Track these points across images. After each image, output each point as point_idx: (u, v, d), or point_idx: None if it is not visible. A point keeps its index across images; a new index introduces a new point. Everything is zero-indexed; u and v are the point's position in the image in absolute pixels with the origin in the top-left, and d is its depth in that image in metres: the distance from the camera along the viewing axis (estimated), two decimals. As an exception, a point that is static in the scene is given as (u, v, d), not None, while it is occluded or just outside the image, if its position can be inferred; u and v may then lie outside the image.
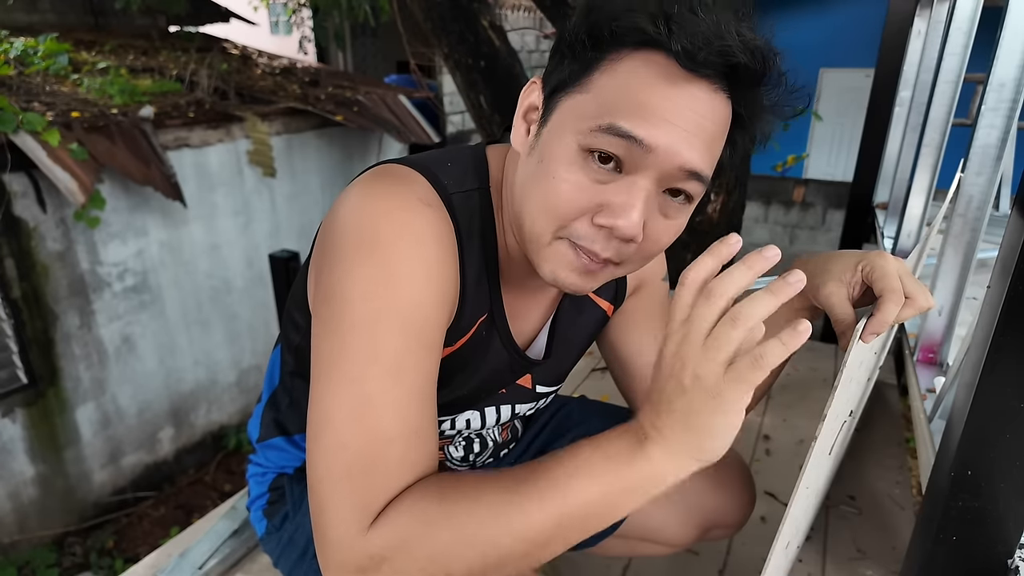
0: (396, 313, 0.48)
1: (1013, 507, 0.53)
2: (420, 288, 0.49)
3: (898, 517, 1.22)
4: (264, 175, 3.69)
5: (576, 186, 0.48)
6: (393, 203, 0.50)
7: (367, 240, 0.48)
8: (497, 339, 0.62)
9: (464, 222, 0.55)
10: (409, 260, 0.49)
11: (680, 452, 0.42)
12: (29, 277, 2.77)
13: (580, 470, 0.43)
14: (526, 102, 0.55)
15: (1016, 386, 0.49)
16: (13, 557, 2.87)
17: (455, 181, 0.56)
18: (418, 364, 0.49)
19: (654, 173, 0.48)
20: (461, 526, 0.43)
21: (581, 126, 0.48)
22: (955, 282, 1.01)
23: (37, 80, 3.11)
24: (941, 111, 1.46)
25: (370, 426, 0.46)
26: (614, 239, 0.49)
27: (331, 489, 0.45)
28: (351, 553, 0.44)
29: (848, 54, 5.69)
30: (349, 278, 0.48)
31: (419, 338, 0.49)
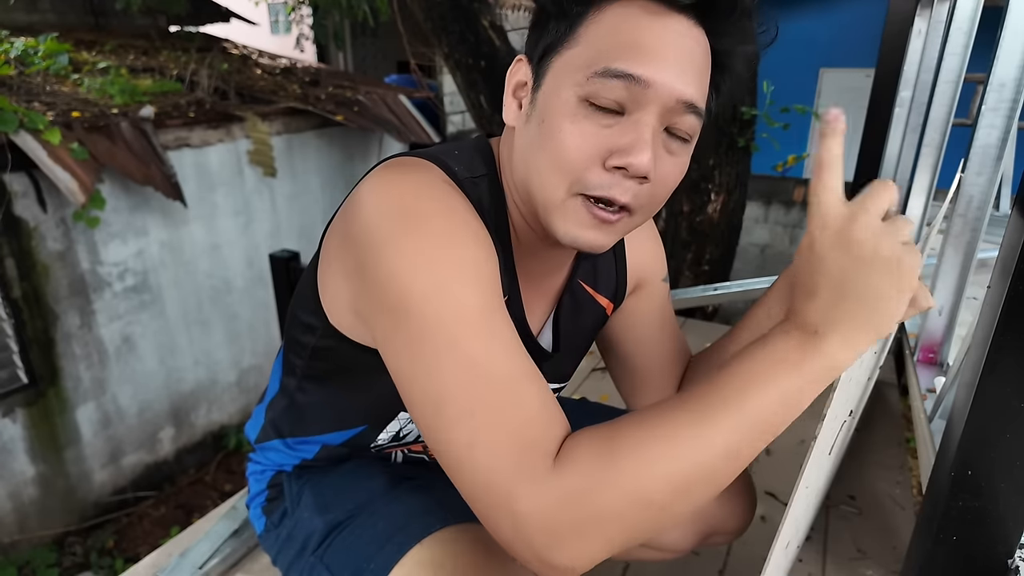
0: (464, 271, 0.47)
1: (1013, 507, 0.53)
2: (476, 248, 0.49)
3: (898, 517, 1.21)
4: (264, 175, 3.69)
5: (582, 135, 0.49)
6: (420, 183, 0.51)
7: (407, 218, 0.48)
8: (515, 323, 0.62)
9: (478, 207, 0.55)
10: (456, 226, 0.49)
11: (858, 333, 0.42)
12: (29, 277, 2.77)
13: (754, 381, 0.42)
14: (513, 80, 0.56)
15: (1016, 386, 0.49)
16: (13, 557, 2.87)
17: (464, 167, 0.56)
18: (502, 312, 0.48)
19: (655, 109, 0.49)
20: (649, 449, 0.41)
21: (577, 77, 0.49)
22: (955, 282, 1.01)
23: (38, 80, 3.11)
24: (941, 111, 1.46)
25: (492, 378, 0.44)
26: (629, 180, 0.50)
27: (487, 460, 0.42)
28: (548, 495, 0.41)
29: (848, 54, 5.69)
30: (402, 258, 0.46)
31: (493, 290, 0.48)
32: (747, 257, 5.47)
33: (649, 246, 0.75)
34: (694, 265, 2.79)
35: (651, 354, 0.75)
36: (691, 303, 1.99)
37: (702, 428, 0.42)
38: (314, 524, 0.70)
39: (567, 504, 0.41)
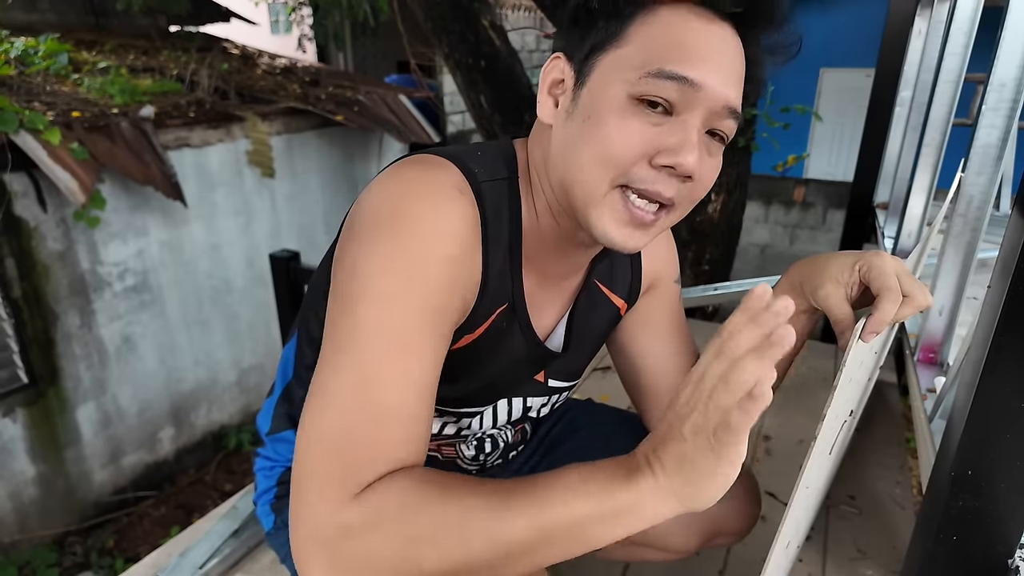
0: (412, 292, 0.48)
1: (1013, 507, 0.53)
2: (439, 271, 0.50)
3: (898, 517, 1.21)
4: (263, 175, 3.69)
5: (631, 131, 0.50)
6: (423, 186, 0.52)
7: (392, 218, 0.50)
8: (517, 329, 0.62)
9: (492, 211, 0.56)
10: (433, 241, 0.50)
11: (667, 493, 0.42)
12: (30, 277, 2.77)
13: (567, 488, 0.43)
14: (549, 77, 0.56)
15: (1016, 386, 0.49)
16: (14, 557, 2.87)
17: (485, 170, 0.57)
18: (425, 348, 0.49)
19: (702, 112, 0.50)
20: (439, 518, 0.43)
21: (629, 76, 0.50)
22: (955, 282, 1.01)
23: (38, 80, 3.11)
24: (942, 111, 1.46)
25: (369, 400, 0.46)
26: (674, 178, 0.51)
27: (319, 456, 0.46)
28: (325, 521, 0.44)
29: (848, 54, 5.69)
30: (370, 253, 0.49)
31: (432, 321, 0.49)
32: (747, 257, 5.47)
33: (664, 247, 0.75)
34: (694, 265, 2.79)
35: (662, 355, 0.75)
36: (691, 303, 1.99)
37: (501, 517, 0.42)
38: None
39: (339, 538, 0.43)
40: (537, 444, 0.89)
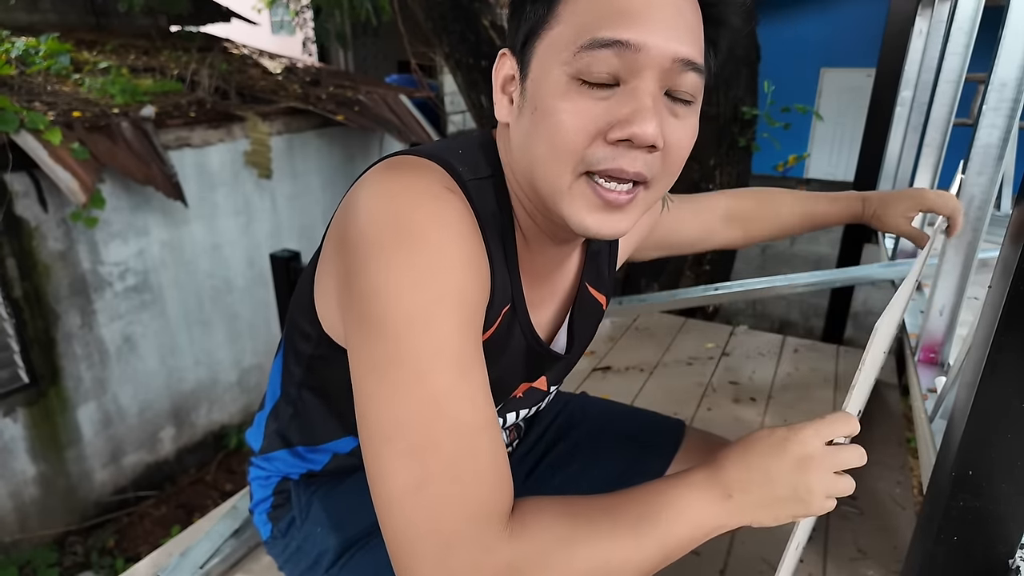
0: (449, 302, 0.45)
1: (1014, 507, 0.52)
2: (465, 274, 0.47)
3: (899, 517, 1.21)
4: (259, 176, 3.69)
5: (579, 112, 0.47)
6: (419, 191, 0.48)
7: (401, 230, 0.45)
8: (518, 330, 0.60)
9: (483, 210, 0.53)
10: (449, 246, 0.46)
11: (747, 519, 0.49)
12: (30, 277, 2.77)
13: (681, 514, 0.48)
14: (500, 75, 0.54)
15: (1017, 386, 0.49)
16: (14, 556, 2.87)
17: (469, 168, 0.54)
18: (477, 353, 0.47)
19: (652, 73, 0.47)
20: (595, 548, 0.45)
21: (564, 55, 0.47)
22: (956, 282, 1.01)
23: (38, 80, 3.11)
24: (942, 111, 1.46)
25: (455, 421, 0.43)
26: (636, 150, 0.48)
27: (438, 500, 0.42)
28: (491, 556, 0.42)
29: (849, 54, 5.69)
30: (389, 272, 0.44)
31: (473, 326, 0.47)
32: (747, 257, 5.47)
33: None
34: (695, 265, 2.79)
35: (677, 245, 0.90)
36: (691, 303, 1.99)
37: (637, 540, 0.46)
38: (327, 542, 0.69)
39: (511, 573, 0.42)
40: (535, 440, 0.89)
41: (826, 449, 0.49)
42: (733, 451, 0.51)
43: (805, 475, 0.48)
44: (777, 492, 0.48)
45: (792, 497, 0.48)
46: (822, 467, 0.48)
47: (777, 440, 0.49)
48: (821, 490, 0.48)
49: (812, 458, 0.48)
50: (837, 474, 0.49)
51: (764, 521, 0.50)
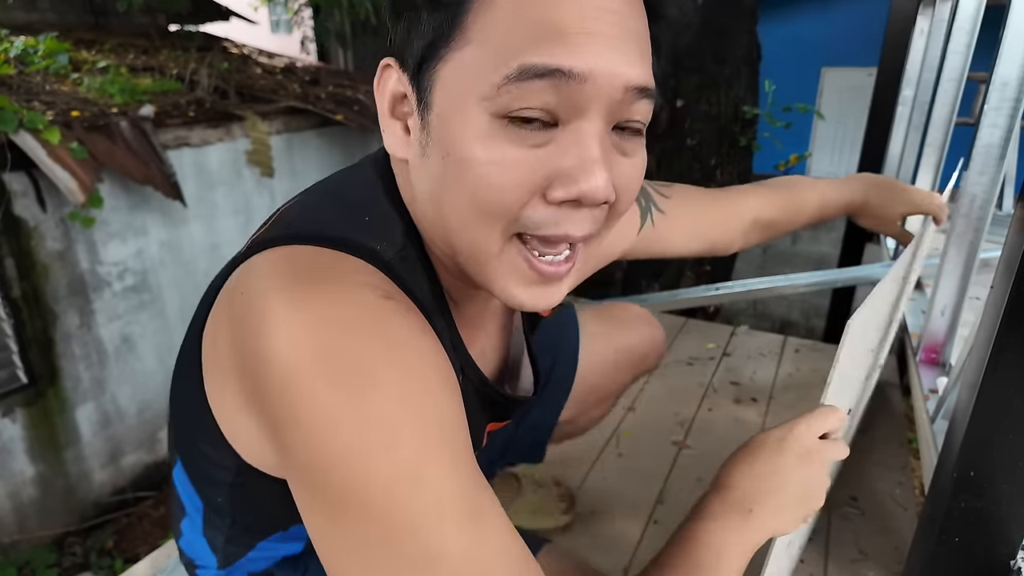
0: (433, 440, 0.35)
1: (1016, 508, 0.52)
2: (439, 396, 0.37)
3: (900, 518, 1.21)
4: (262, 175, 3.69)
5: (508, 165, 0.37)
6: (348, 316, 0.36)
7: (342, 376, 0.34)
8: (472, 392, 0.52)
9: (419, 293, 0.44)
10: (411, 373, 0.36)
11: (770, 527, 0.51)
12: (29, 277, 2.77)
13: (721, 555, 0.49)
14: (387, 93, 0.42)
15: (1019, 386, 0.49)
16: (13, 557, 2.87)
17: (388, 243, 0.43)
18: (484, 487, 0.38)
19: (599, 107, 0.37)
20: None
21: (481, 88, 0.36)
22: (958, 282, 1.00)
23: (37, 79, 3.11)
24: (944, 110, 1.45)
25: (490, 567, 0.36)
26: (584, 209, 0.39)
27: None
28: None
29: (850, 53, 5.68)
30: (343, 435, 0.34)
31: (467, 451, 0.38)
32: (748, 257, 5.47)
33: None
34: (695, 265, 2.79)
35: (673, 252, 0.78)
36: (692, 303, 1.99)
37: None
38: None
39: None
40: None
41: (821, 442, 0.51)
42: (737, 466, 0.52)
43: (809, 469, 0.50)
44: (790, 492, 0.50)
45: (803, 495, 0.50)
46: (821, 459, 0.51)
47: (775, 442, 0.51)
48: (823, 482, 0.51)
49: (812, 452, 0.51)
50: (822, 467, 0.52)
51: (786, 527, 0.51)
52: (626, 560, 1.12)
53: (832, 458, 0.52)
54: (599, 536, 1.17)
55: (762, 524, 0.50)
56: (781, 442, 0.51)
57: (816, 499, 0.51)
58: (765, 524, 0.50)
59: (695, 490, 1.28)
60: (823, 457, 0.51)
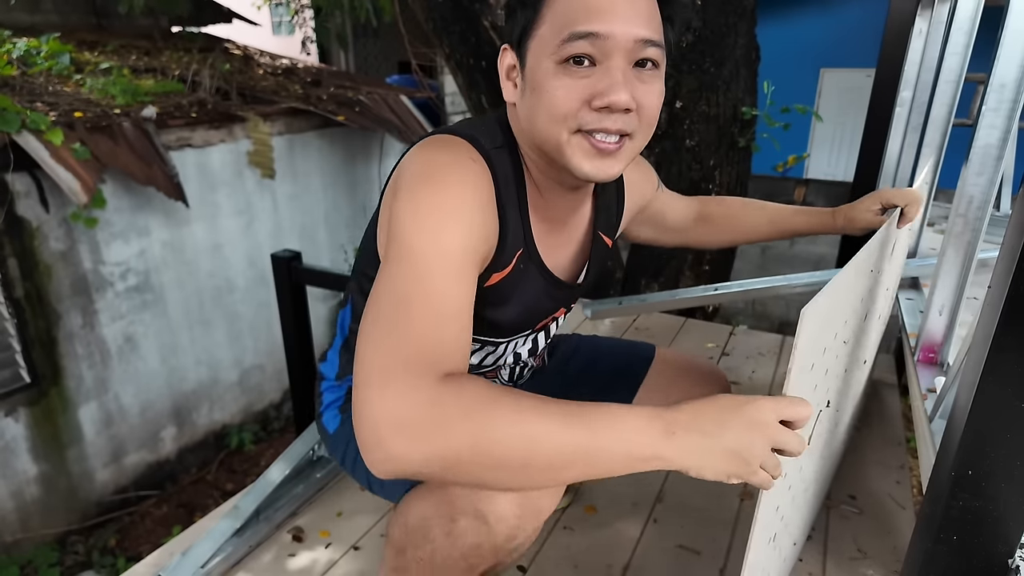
0: (457, 228, 0.60)
1: (1014, 507, 0.53)
2: (474, 215, 0.62)
3: (899, 517, 1.22)
4: (263, 176, 3.69)
5: (567, 88, 0.61)
6: (447, 158, 0.64)
7: (429, 179, 0.62)
8: (534, 269, 0.75)
9: (500, 172, 0.68)
10: (463, 191, 0.62)
11: (683, 462, 0.53)
12: (32, 276, 2.78)
13: (613, 430, 0.52)
14: (504, 66, 0.69)
15: (1017, 386, 0.49)
16: (16, 556, 2.88)
17: (489, 140, 0.69)
18: (469, 276, 0.60)
19: (620, 53, 0.60)
20: (518, 416, 0.51)
21: (551, 48, 0.61)
22: (956, 282, 1.01)
23: (40, 80, 3.12)
24: (942, 111, 1.46)
25: (433, 305, 0.56)
26: (615, 113, 0.62)
27: (398, 344, 0.54)
28: (417, 392, 0.51)
29: (849, 54, 5.69)
30: (415, 203, 0.60)
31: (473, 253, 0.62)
32: (747, 257, 5.47)
33: (641, 183, 0.95)
34: (695, 265, 2.79)
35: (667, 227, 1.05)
36: (692, 303, 2.00)
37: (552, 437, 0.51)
38: None
39: (425, 409, 0.51)
40: (557, 370, 1.04)
41: (777, 425, 0.52)
42: (691, 403, 0.54)
43: (752, 435, 0.51)
44: (724, 442, 0.52)
45: (735, 452, 0.52)
46: (767, 435, 0.52)
47: (734, 402, 0.53)
48: (761, 456, 0.52)
49: (764, 424, 0.52)
50: (776, 451, 0.53)
51: (703, 469, 0.52)
52: (626, 559, 1.12)
53: (783, 444, 0.52)
54: (599, 535, 1.18)
55: (677, 450, 0.52)
56: (740, 405, 0.53)
57: (745, 467, 0.52)
58: (680, 452, 0.52)
59: (695, 488, 1.28)
60: (773, 436, 0.52)
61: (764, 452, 0.52)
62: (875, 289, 0.86)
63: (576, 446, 0.51)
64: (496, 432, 0.50)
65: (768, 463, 0.52)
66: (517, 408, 0.51)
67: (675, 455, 0.52)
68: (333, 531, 1.19)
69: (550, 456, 0.51)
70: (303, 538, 1.17)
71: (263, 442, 3.89)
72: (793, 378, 0.52)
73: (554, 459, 0.51)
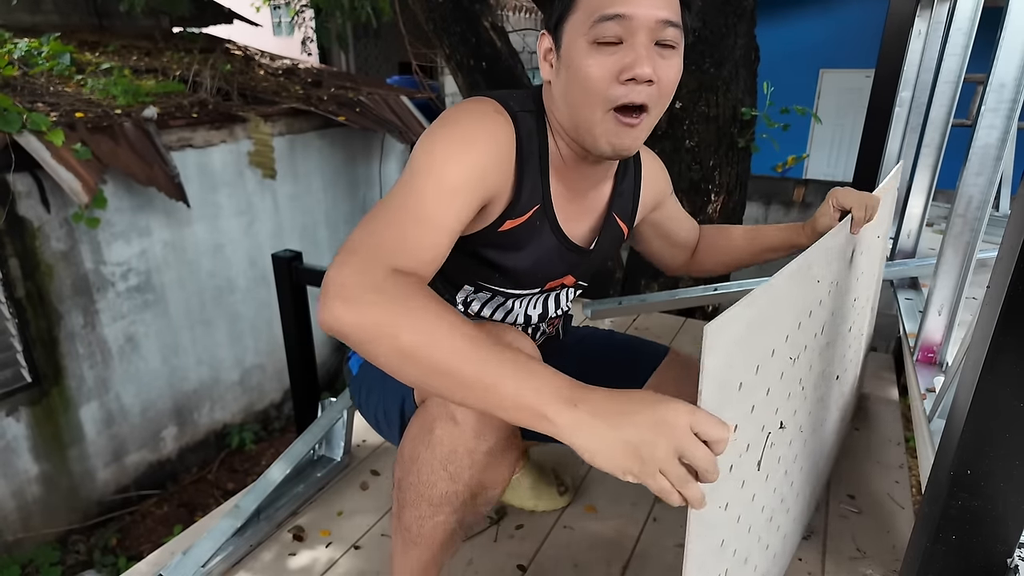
0: (462, 161, 0.69)
1: (1013, 506, 0.53)
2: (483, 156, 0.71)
3: (898, 516, 1.22)
4: (264, 176, 3.70)
5: (598, 64, 0.70)
6: (470, 106, 0.74)
7: (448, 121, 0.72)
8: (548, 227, 0.82)
9: (524, 131, 0.76)
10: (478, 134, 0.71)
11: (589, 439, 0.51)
12: (33, 276, 2.78)
13: (520, 379, 0.54)
14: (542, 49, 0.77)
15: (1016, 386, 0.50)
16: (17, 555, 2.88)
17: (518, 104, 0.78)
18: (454, 202, 0.68)
19: (643, 32, 0.68)
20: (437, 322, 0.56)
21: (583, 29, 0.70)
22: (955, 282, 1.01)
23: (41, 81, 3.12)
24: (941, 111, 1.46)
25: (415, 214, 0.66)
26: (640, 85, 0.69)
27: (368, 239, 0.64)
28: (361, 279, 0.59)
29: (848, 55, 5.68)
30: (432, 138, 0.71)
31: (474, 188, 0.70)
32: (748, 257, 5.46)
33: (658, 177, 1.00)
34: (695, 265, 2.78)
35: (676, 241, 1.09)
36: (691, 303, 2.00)
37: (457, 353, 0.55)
38: None
39: (366, 286, 0.58)
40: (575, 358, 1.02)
41: (688, 431, 0.48)
42: (610, 389, 0.53)
43: (656, 435, 0.49)
44: (624, 433, 0.50)
45: (634, 448, 0.49)
46: (673, 439, 0.48)
47: (653, 398, 0.51)
48: (662, 460, 0.48)
49: (671, 427, 0.48)
50: (681, 460, 0.49)
51: (596, 454, 0.51)
52: (626, 558, 1.12)
53: (691, 456, 0.48)
54: (599, 534, 1.18)
55: (573, 423, 0.51)
56: (655, 402, 0.50)
57: (641, 466, 0.49)
58: (576, 427, 0.51)
59: (696, 489, 1.28)
60: (679, 442, 0.48)
61: (666, 457, 0.48)
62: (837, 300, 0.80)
63: (476, 370, 0.54)
64: (414, 324, 0.56)
65: (671, 472, 0.48)
66: (440, 315, 0.56)
67: (565, 425, 0.51)
68: (334, 530, 1.19)
69: (451, 368, 0.55)
70: (304, 537, 1.18)
71: (264, 442, 3.90)
72: (704, 397, 0.48)
73: (455, 373, 0.55)
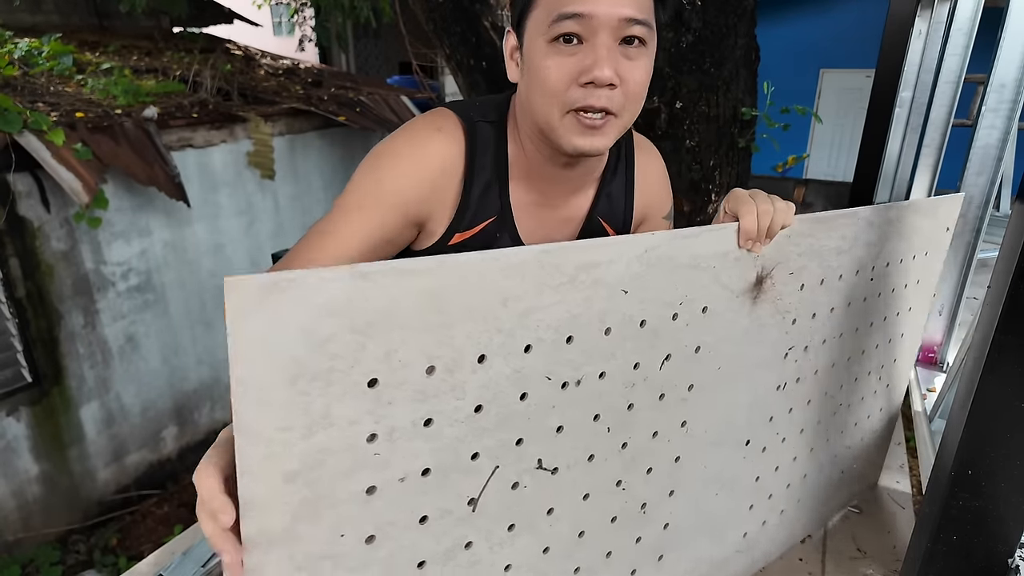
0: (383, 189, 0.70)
1: (1013, 506, 0.53)
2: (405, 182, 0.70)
3: (898, 516, 1.22)
4: (262, 177, 3.70)
5: (557, 65, 0.65)
6: (413, 125, 0.72)
7: (382, 151, 0.71)
8: (507, 239, 0.78)
9: (480, 143, 0.73)
10: (404, 162, 0.70)
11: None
12: (34, 276, 2.78)
13: None
14: (508, 48, 0.73)
15: (1016, 386, 0.50)
16: (17, 555, 2.88)
17: (480, 114, 0.75)
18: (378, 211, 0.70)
19: (605, 31, 0.63)
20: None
21: (542, 28, 0.65)
22: (955, 282, 1.01)
23: (42, 81, 3.12)
24: (942, 111, 1.46)
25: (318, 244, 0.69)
26: (600, 89, 0.65)
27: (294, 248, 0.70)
28: None
29: (849, 54, 5.68)
30: (361, 169, 0.71)
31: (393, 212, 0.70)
32: (748, 257, 5.45)
33: (656, 183, 0.89)
34: (695, 265, 2.78)
35: None
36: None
37: None
38: None
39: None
40: None
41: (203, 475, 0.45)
42: None
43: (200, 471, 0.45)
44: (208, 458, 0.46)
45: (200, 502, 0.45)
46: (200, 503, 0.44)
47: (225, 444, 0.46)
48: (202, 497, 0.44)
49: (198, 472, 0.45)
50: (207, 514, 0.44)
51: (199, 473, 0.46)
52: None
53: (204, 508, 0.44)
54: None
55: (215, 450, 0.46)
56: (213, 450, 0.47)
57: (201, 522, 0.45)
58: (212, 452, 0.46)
59: (696, 489, 1.28)
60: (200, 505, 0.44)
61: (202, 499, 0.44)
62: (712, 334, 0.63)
63: None
64: None
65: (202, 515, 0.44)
66: None
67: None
68: (335, 530, 1.19)
69: None
70: (305, 537, 1.17)
71: (264, 442, 3.90)
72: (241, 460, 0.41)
73: None
